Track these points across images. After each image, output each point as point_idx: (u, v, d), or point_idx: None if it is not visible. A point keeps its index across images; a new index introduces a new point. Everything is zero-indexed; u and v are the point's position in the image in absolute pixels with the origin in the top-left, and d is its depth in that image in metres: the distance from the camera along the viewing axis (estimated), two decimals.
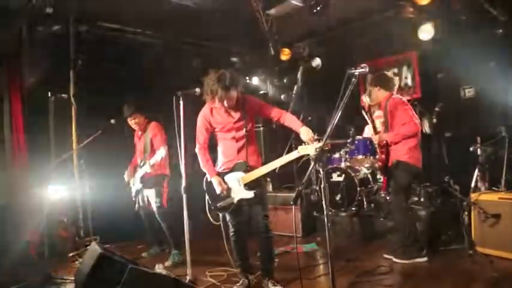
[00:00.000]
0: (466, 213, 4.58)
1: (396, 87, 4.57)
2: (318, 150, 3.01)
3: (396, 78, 4.59)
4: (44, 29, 5.37)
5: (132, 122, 5.18)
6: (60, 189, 5.50)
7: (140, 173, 5.08)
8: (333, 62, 6.84)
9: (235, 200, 3.78)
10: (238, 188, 3.75)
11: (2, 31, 5.07)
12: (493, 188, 4.68)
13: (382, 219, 5.52)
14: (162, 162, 4.98)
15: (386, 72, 4.55)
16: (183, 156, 3.68)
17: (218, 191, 3.79)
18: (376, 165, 5.82)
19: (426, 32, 5.59)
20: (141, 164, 5.10)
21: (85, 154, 5.85)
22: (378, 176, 5.96)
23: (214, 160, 3.96)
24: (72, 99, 5.92)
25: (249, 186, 3.72)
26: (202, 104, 3.88)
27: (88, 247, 4.13)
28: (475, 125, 5.41)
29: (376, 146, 4.84)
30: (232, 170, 3.79)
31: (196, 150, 3.91)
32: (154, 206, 5.06)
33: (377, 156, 5.31)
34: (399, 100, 4.47)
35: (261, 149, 4.10)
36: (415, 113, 4.53)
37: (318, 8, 5.23)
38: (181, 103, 3.73)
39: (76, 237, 5.77)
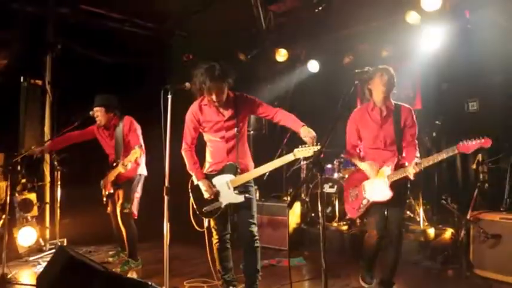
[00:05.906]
0: (465, 232, 4.41)
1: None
2: (316, 153, 2.78)
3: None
4: (19, 7, 5.07)
5: (96, 115, 4.70)
6: (28, 186, 5.20)
7: (113, 174, 4.69)
8: (331, 67, 6.66)
9: (223, 205, 3.57)
10: (227, 192, 3.54)
11: None
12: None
13: None
14: (138, 162, 4.63)
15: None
16: (167, 155, 3.38)
17: (206, 195, 3.57)
18: None
19: (430, 40, 5.46)
20: (114, 165, 4.70)
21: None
22: None
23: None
24: (48, 86, 5.64)
25: (238, 190, 3.52)
26: (192, 101, 3.66)
27: (54, 250, 3.86)
28: None
29: None
30: (221, 172, 3.58)
31: (183, 150, 3.69)
32: (119, 210, 4.71)
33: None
34: None
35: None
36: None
37: (320, 8, 5.05)
38: (169, 97, 3.41)
39: (40, 239, 5.41)
